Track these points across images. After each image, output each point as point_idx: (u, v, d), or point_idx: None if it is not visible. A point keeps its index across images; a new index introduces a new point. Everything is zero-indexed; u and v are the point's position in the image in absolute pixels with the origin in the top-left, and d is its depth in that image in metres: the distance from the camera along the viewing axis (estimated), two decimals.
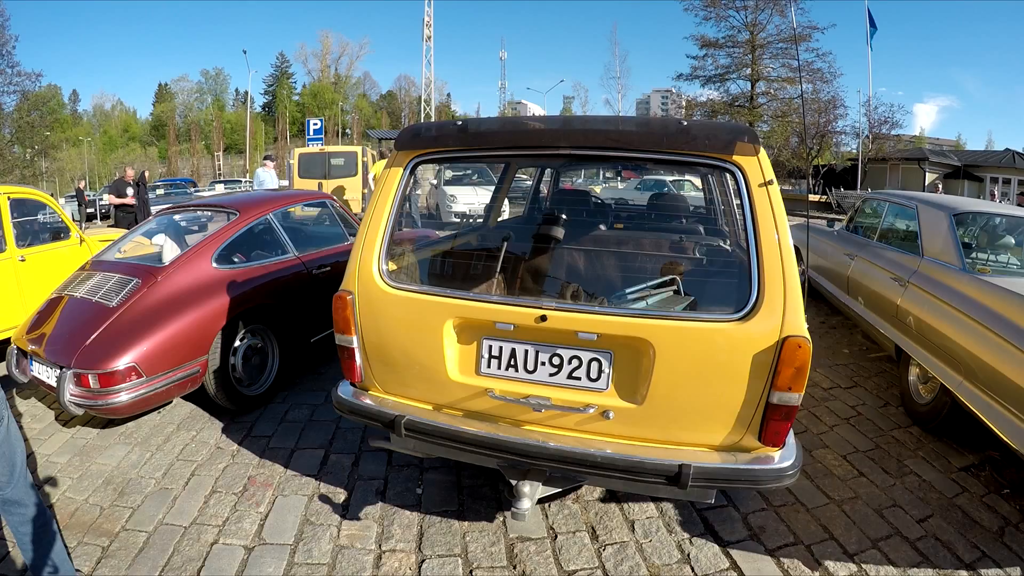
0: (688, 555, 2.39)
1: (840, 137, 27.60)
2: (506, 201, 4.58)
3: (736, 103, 30.60)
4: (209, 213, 4.24)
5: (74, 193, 20.66)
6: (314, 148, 13.45)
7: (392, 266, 2.37)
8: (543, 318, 2.06)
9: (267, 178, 10.40)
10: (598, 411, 2.08)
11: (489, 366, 2.22)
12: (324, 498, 2.78)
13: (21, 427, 3.56)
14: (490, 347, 2.21)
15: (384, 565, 2.35)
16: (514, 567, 2.32)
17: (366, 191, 10.67)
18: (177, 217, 4.34)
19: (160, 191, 24.17)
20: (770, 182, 1.95)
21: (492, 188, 9.65)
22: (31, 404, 3.88)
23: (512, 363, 2.18)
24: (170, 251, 3.76)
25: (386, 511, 2.68)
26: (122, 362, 3.05)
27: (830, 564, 2.34)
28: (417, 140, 2.37)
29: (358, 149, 12.56)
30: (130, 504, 2.78)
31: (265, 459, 3.14)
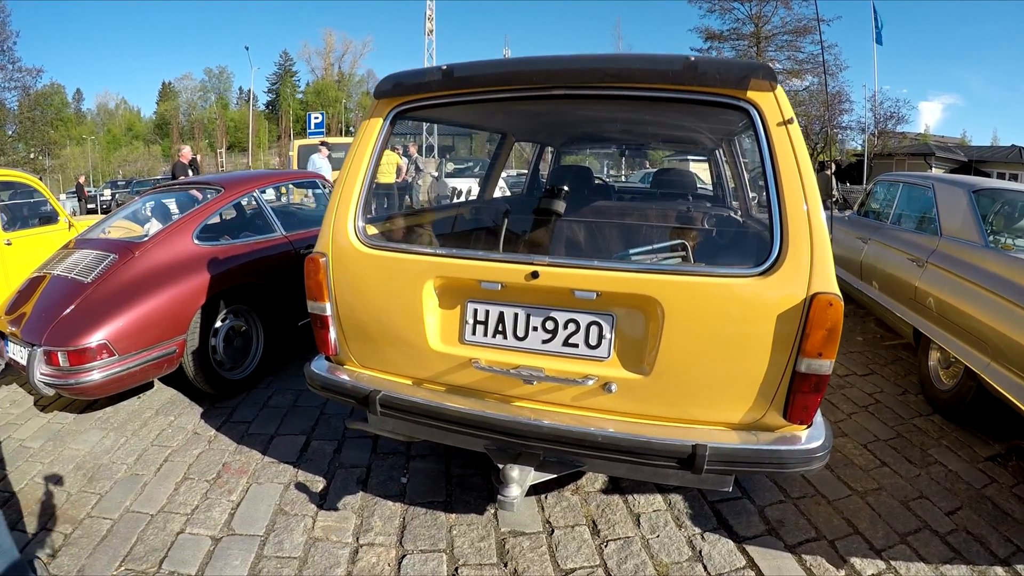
0: (700, 552, 2.10)
1: (846, 132, 27.12)
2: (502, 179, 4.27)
3: None
4: (195, 191, 3.97)
5: (74, 189, 20.48)
6: (314, 140, 13.17)
7: (371, 229, 2.09)
8: (534, 274, 1.77)
9: (322, 164, 10.00)
10: (598, 383, 1.79)
11: (474, 333, 1.93)
12: (301, 487, 2.52)
13: (5, 413, 3.35)
14: (475, 311, 1.92)
15: (360, 560, 2.07)
16: (505, 564, 2.04)
17: None
18: (165, 196, 4.09)
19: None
20: (790, 121, 1.66)
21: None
22: (12, 390, 3.65)
23: (500, 329, 1.89)
24: (152, 228, 3.51)
25: (367, 501, 2.41)
26: (92, 339, 2.79)
27: (856, 561, 2.05)
28: (398, 87, 2.07)
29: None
30: (98, 490, 2.54)
31: (243, 445, 2.88)
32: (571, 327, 1.82)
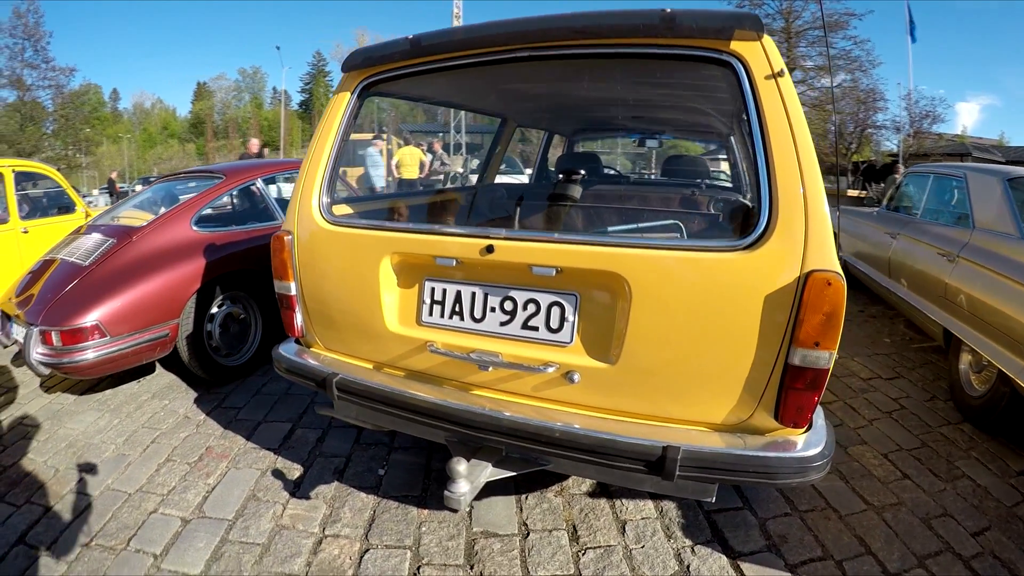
0: (688, 566, 1.89)
1: (880, 132, 25.83)
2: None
3: None
4: (200, 179, 3.95)
5: (107, 184, 21.18)
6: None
7: (337, 210, 1.98)
8: (489, 249, 1.61)
9: (379, 158, 10.03)
10: (559, 372, 1.61)
11: (431, 314, 1.79)
12: (278, 473, 2.43)
13: (11, 393, 3.40)
14: (432, 290, 1.78)
15: (322, 551, 1.96)
16: (471, 567, 1.89)
17: (390, 179, 10.34)
18: (172, 183, 4.09)
19: None
20: (780, 73, 1.44)
21: (519, 175, 9.18)
22: (21, 372, 3.70)
23: (457, 310, 1.74)
24: (154, 214, 3.49)
25: (340, 492, 2.30)
26: (85, 320, 2.77)
27: None
28: (366, 59, 1.95)
29: (370, 136, 12.25)
30: (84, 468, 2.53)
31: (229, 431, 2.82)
32: (531, 308, 1.64)
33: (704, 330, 1.46)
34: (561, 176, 2.45)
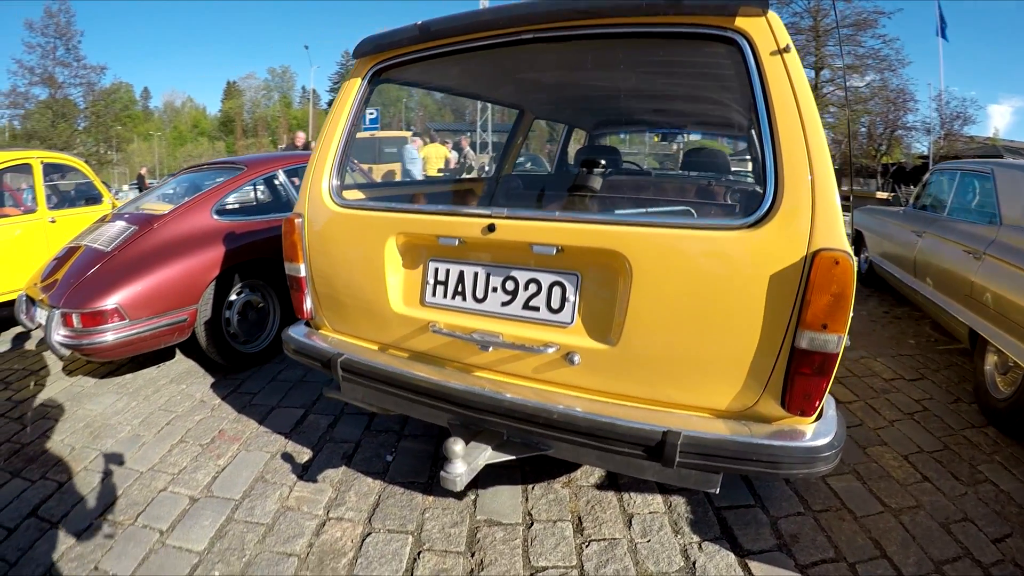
0: (694, 563, 1.83)
1: (910, 134, 25.09)
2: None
3: None
4: (222, 170, 4.01)
5: (136, 180, 21.66)
6: (366, 134, 13.32)
7: (348, 195, 1.99)
8: (491, 228, 1.60)
9: (416, 154, 10.11)
10: (560, 353, 1.57)
11: (434, 294, 1.78)
12: (287, 457, 2.44)
13: (35, 376, 3.48)
14: (436, 270, 1.77)
15: (325, 533, 1.96)
16: (472, 554, 1.87)
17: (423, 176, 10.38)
18: (195, 174, 4.16)
19: None
20: (786, 49, 1.38)
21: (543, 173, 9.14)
22: (49, 357, 3.78)
23: (459, 290, 1.73)
24: (176, 203, 3.55)
25: (347, 476, 2.30)
26: (105, 303, 2.83)
27: None
28: (376, 46, 1.97)
29: (407, 134, 12.34)
30: (100, 447, 2.58)
31: (243, 415, 2.84)
32: (532, 288, 1.62)
33: (706, 311, 1.41)
34: (583, 167, 2.42)
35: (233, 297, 3.36)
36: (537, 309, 1.63)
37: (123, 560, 1.86)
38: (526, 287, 1.63)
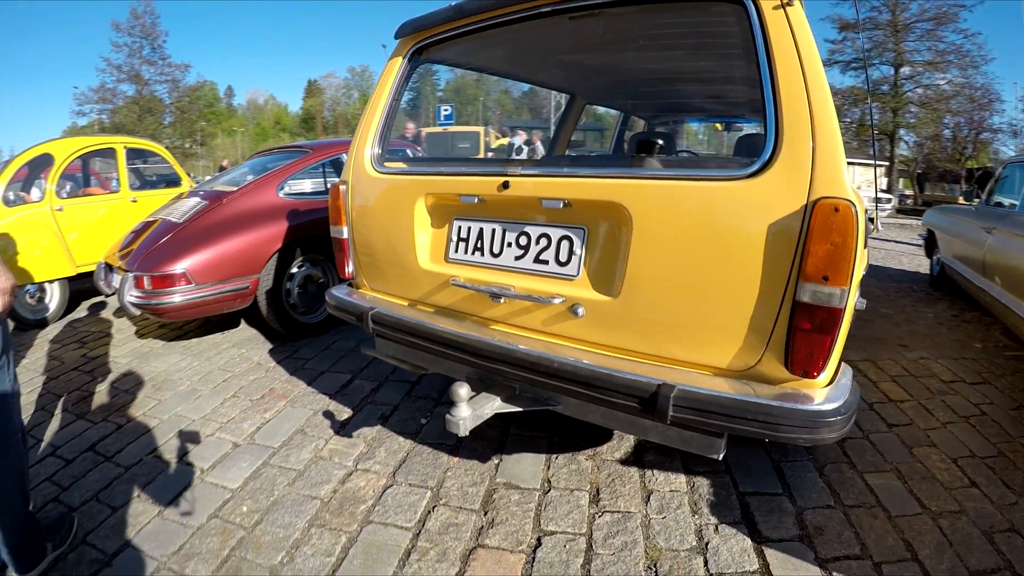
0: (706, 544, 1.75)
1: (996, 136, 22.89)
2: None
3: (878, 89, 25.66)
4: (290, 152, 4.24)
5: (218, 171, 23.07)
6: (439, 129, 13.62)
7: (389, 164, 2.09)
8: (505, 184, 1.63)
9: (525, 148, 10.39)
10: (566, 305, 1.57)
11: (457, 251, 1.84)
12: (328, 414, 2.55)
13: (108, 337, 3.80)
14: (459, 228, 1.83)
15: (349, 482, 2.03)
16: (485, 512, 1.88)
17: None
18: (266, 158, 4.42)
19: None
20: (788, 3, 1.32)
21: None
22: (122, 323, 4.14)
23: (479, 246, 1.77)
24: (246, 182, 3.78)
25: (381, 435, 2.37)
26: (174, 268, 3.06)
27: None
28: (416, 26, 2.06)
29: (480, 130, 12.52)
30: (159, 397, 2.80)
31: (294, 376, 3.00)
32: (543, 242, 1.63)
33: (705, 263, 1.36)
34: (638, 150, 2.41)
35: (294, 270, 3.54)
36: (546, 263, 1.64)
37: (163, 491, 2.01)
38: (537, 241, 1.65)
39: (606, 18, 1.72)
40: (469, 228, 1.81)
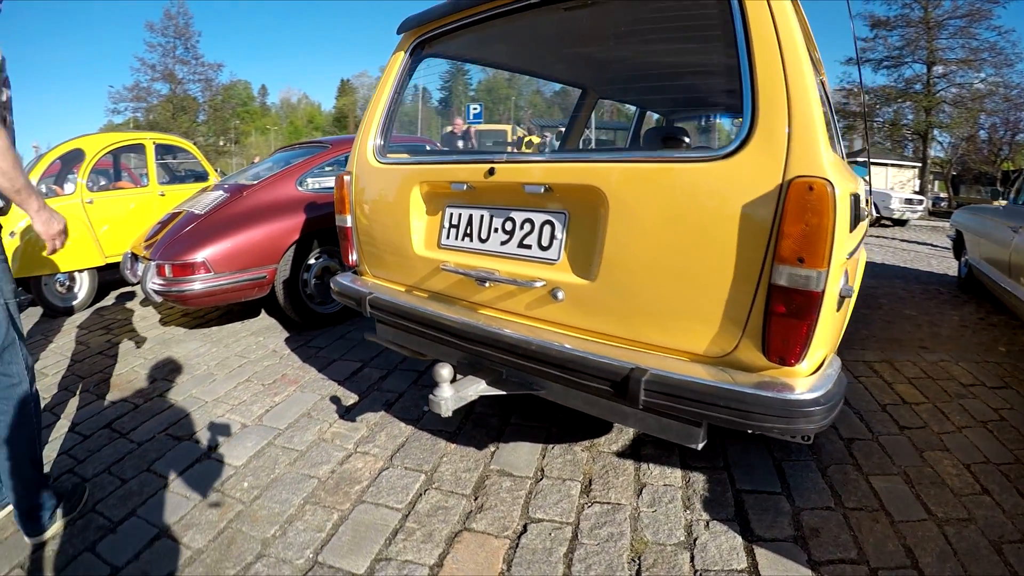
0: (695, 540, 1.72)
1: None
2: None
3: (911, 88, 24.92)
4: (310, 148, 4.34)
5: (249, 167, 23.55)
6: (466, 126, 13.68)
7: (391, 155, 2.14)
8: (491, 171, 1.65)
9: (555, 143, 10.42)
10: (546, 288, 1.57)
11: (448, 236, 1.87)
12: (335, 399, 2.61)
13: (133, 324, 3.94)
14: (451, 215, 1.86)
15: (347, 464, 2.08)
16: (475, 498, 1.89)
17: None
18: (288, 153, 4.52)
19: None
20: None
21: None
22: (147, 311, 4.30)
23: (468, 232, 1.80)
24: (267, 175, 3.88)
25: (383, 420, 2.42)
26: (194, 257, 3.16)
27: None
28: (418, 21, 2.10)
29: (508, 128, 12.57)
30: (176, 380, 2.90)
31: (306, 363, 3.07)
32: (527, 227, 1.64)
33: (680, 245, 1.34)
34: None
35: (312, 261, 3.62)
36: (529, 247, 1.65)
37: (171, 465, 2.09)
38: (522, 227, 1.67)
39: (601, 8, 1.72)
40: (460, 215, 1.84)
